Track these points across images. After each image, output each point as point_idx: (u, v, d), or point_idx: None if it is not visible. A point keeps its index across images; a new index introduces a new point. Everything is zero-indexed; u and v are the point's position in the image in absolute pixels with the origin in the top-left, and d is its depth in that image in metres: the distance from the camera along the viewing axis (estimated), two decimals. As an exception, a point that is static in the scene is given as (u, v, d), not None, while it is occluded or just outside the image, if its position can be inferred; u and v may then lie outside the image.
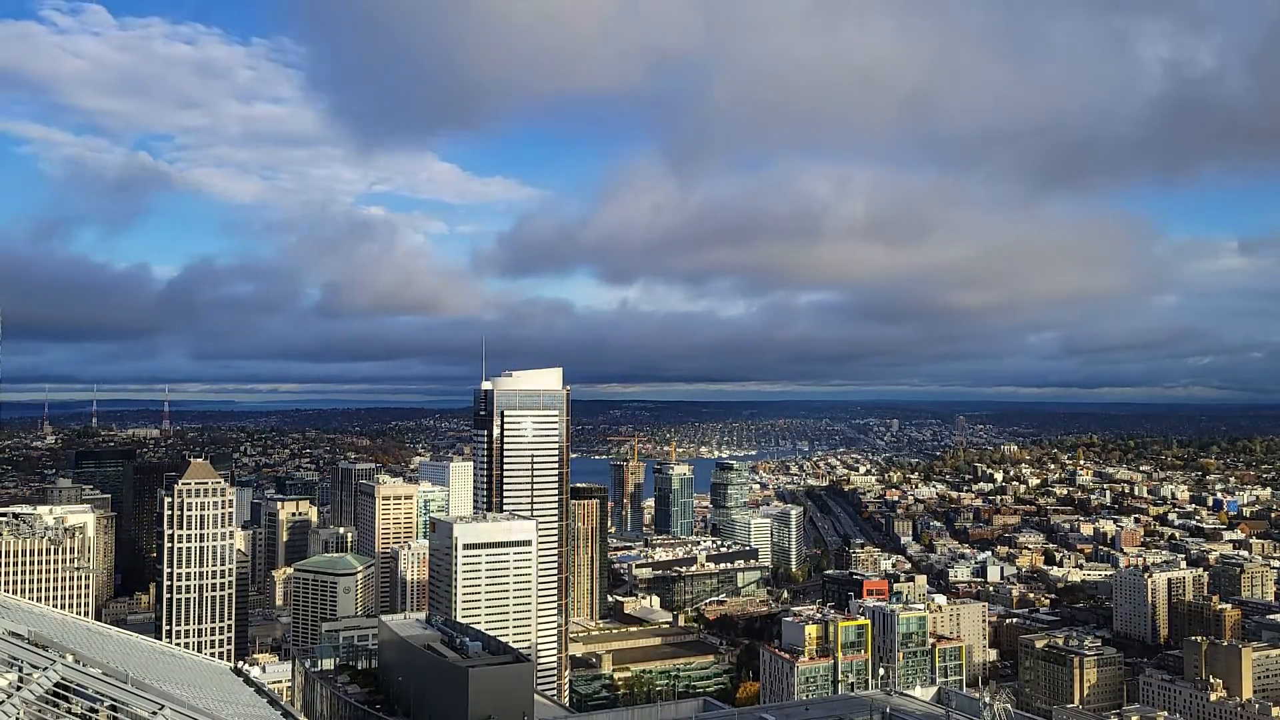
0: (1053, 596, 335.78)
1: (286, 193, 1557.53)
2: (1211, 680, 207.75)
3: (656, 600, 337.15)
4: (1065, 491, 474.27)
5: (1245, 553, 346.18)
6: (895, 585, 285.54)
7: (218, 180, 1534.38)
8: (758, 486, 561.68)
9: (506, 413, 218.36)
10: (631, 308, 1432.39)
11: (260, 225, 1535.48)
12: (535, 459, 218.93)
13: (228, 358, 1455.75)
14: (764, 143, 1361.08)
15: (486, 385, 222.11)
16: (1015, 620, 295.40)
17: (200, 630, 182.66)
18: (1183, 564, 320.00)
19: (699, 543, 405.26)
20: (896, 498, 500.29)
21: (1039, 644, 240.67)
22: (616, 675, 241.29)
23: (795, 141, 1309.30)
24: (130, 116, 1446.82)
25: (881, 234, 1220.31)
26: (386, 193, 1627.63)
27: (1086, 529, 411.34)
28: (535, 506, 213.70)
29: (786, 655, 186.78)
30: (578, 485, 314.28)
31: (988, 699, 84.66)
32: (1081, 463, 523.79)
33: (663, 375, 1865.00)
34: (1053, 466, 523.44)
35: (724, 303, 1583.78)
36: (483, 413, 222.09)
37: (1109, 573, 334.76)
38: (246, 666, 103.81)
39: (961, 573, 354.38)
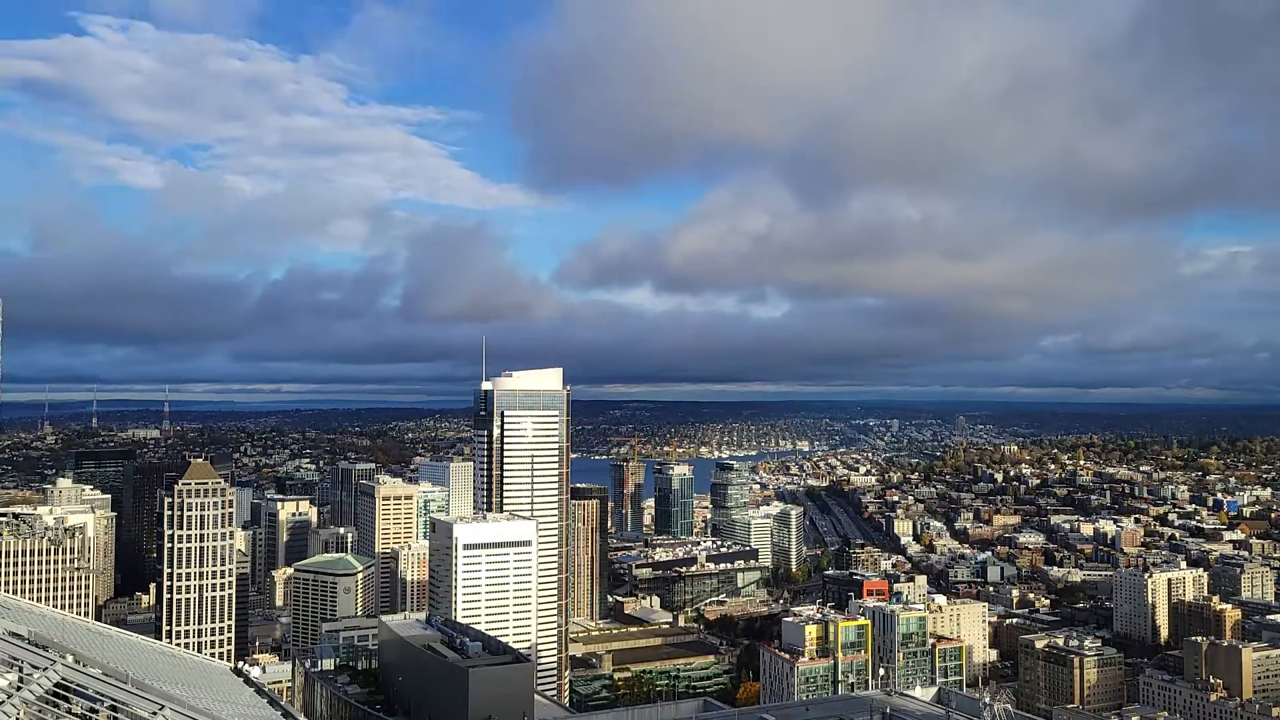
0: (1053, 597, 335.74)
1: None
2: (1211, 680, 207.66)
3: (656, 600, 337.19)
4: (1065, 491, 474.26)
5: (1245, 553, 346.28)
6: (895, 585, 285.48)
7: (246, 185, 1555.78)
8: (758, 487, 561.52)
9: (507, 413, 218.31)
10: (683, 310, 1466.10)
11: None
12: (535, 459, 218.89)
13: (320, 360, 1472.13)
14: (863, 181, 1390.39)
15: (487, 385, 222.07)
16: (1015, 620, 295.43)
17: (200, 630, 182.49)
18: (1183, 564, 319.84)
19: (699, 543, 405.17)
20: (896, 498, 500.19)
21: (1039, 644, 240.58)
22: (616, 675, 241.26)
23: (887, 180, 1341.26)
24: (168, 126, 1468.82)
25: (925, 251, 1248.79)
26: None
27: (1086, 529, 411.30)
28: (535, 507, 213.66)
29: (786, 655, 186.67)
30: (578, 485, 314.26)
31: (988, 699, 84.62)
32: (1081, 463, 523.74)
33: (663, 376, 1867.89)
34: (1053, 466, 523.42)
35: (768, 308, 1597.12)
36: (483, 413, 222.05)
37: (1109, 573, 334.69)
38: (246, 667, 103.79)
39: (961, 573, 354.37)
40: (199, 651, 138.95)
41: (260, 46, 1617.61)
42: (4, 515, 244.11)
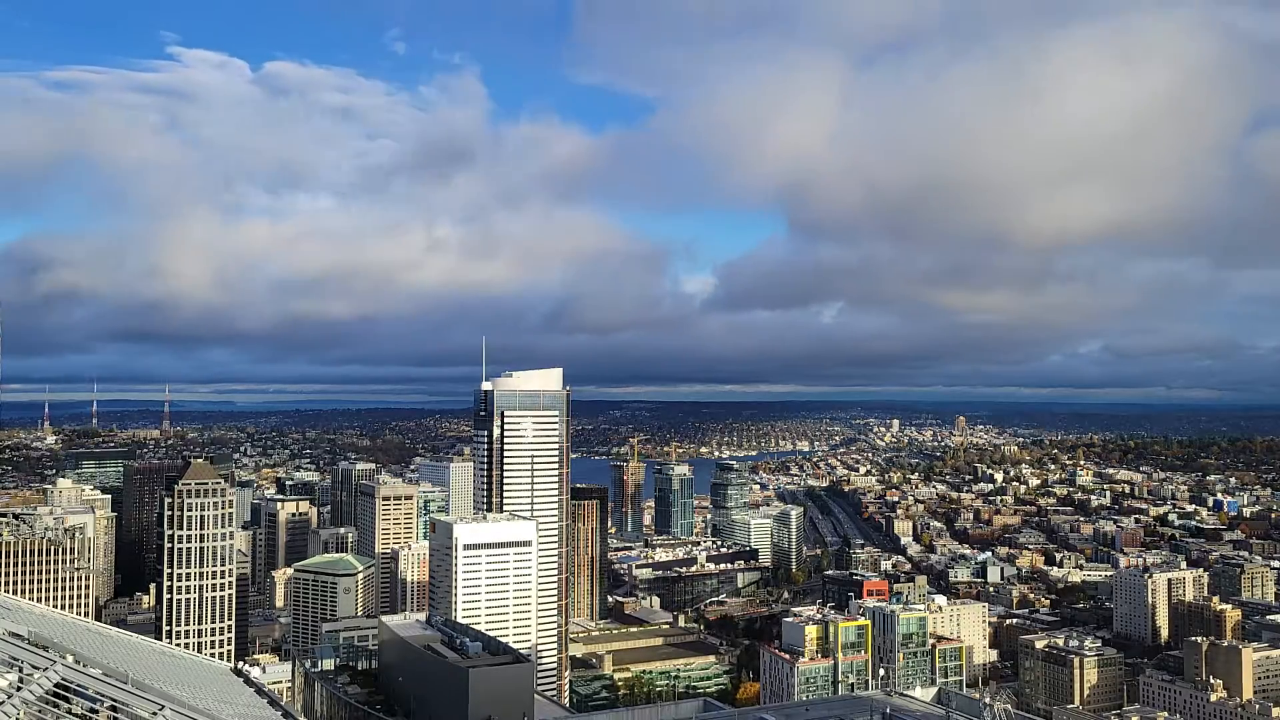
0: (1053, 597, 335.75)
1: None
2: (1211, 681, 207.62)
3: (656, 601, 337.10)
4: (1065, 492, 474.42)
5: (1245, 553, 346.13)
6: (895, 586, 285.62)
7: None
8: (758, 487, 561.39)
9: (507, 413, 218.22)
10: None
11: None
12: (535, 459, 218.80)
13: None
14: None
15: (487, 386, 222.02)
16: (1015, 621, 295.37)
17: (200, 631, 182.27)
18: (1183, 564, 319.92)
19: (699, 543, 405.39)
20: (897, 498, 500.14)
21: (1039, 644, 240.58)
22: (617, 676, 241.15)
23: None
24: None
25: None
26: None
27: (1086, 529, 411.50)
28: (535, 507, 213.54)
29: (786, 656, 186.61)
30: (578, 486, 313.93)
31: (988, 699, 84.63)
32: (1081, 463, 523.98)
33: (663, 377, 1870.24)
34: (1053, 467, 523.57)
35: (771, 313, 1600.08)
36: (483, 413, 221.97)
37: (1109, 573, 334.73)
38: (246, 667, 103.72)
39: (961, 573, 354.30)
40: (199, 652, 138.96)
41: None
42: (4, 515, 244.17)
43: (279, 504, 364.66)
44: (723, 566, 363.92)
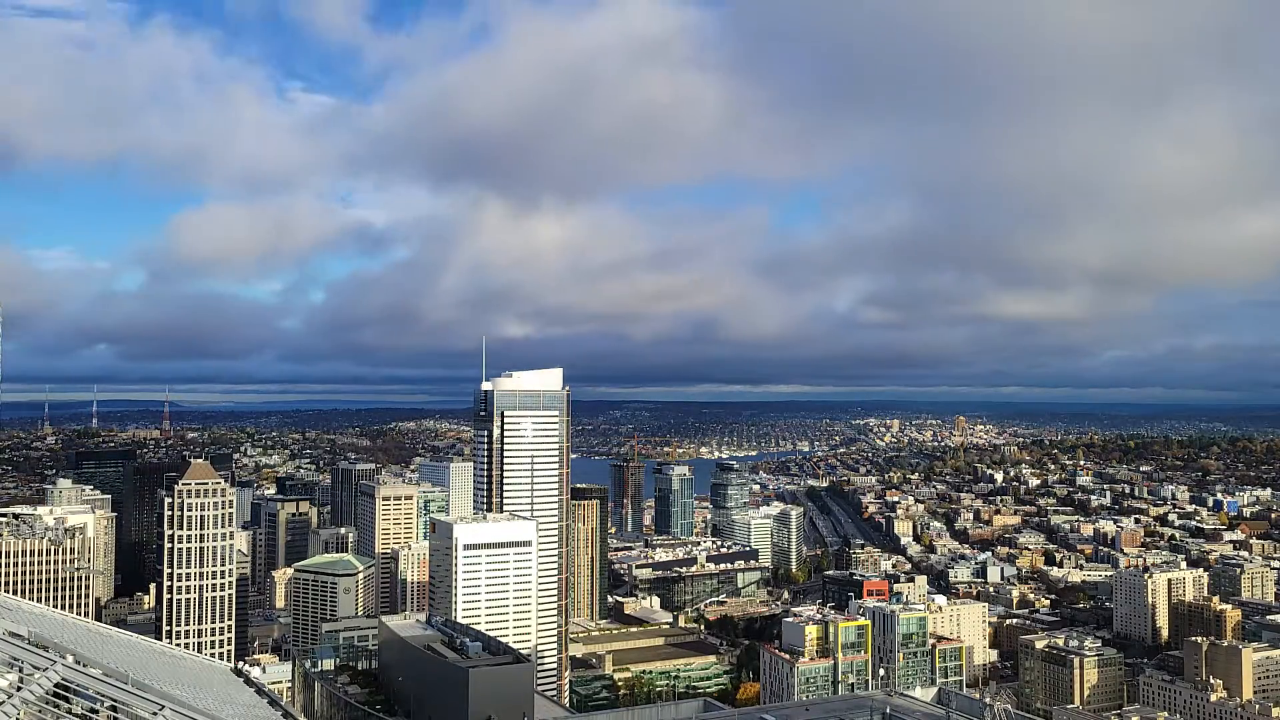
0: (1053, 597, 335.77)
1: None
2: (1211, 681, 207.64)
3: (657, 601, 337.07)
4: (1065, 492, 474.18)
5: (1245, 553, 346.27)
6: (895, 586, 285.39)
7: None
8: (758, 487, 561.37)
9: (507, 413, 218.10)
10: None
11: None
12: (535, 459, 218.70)
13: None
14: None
15: (487, 386, 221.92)
16: (1015, 621, 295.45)
17: (200, 631, 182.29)
18: (1183, 564, 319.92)
19: (699, 543, 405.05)
20: (896, 498, 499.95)
21: (1039, 645, 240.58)
22: (617, 676, 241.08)
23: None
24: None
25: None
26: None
27: (1086, 529, 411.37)
28: (535, 507, 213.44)
29: (787, 656, 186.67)
30: (578, 486, 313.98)
31: (988, 700, 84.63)
32: (1081, 463, 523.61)
33: (663, 377, 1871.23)
34: (1053, 467, 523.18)
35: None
36: (483, 413, 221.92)
37: (1109, 573, 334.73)
38: (246, 667, 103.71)
39: (962, 573, 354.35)
40: (199, 652, 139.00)
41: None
42: (4, 515, 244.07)
43: (279, 504, 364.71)
44: (723, 566, 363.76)
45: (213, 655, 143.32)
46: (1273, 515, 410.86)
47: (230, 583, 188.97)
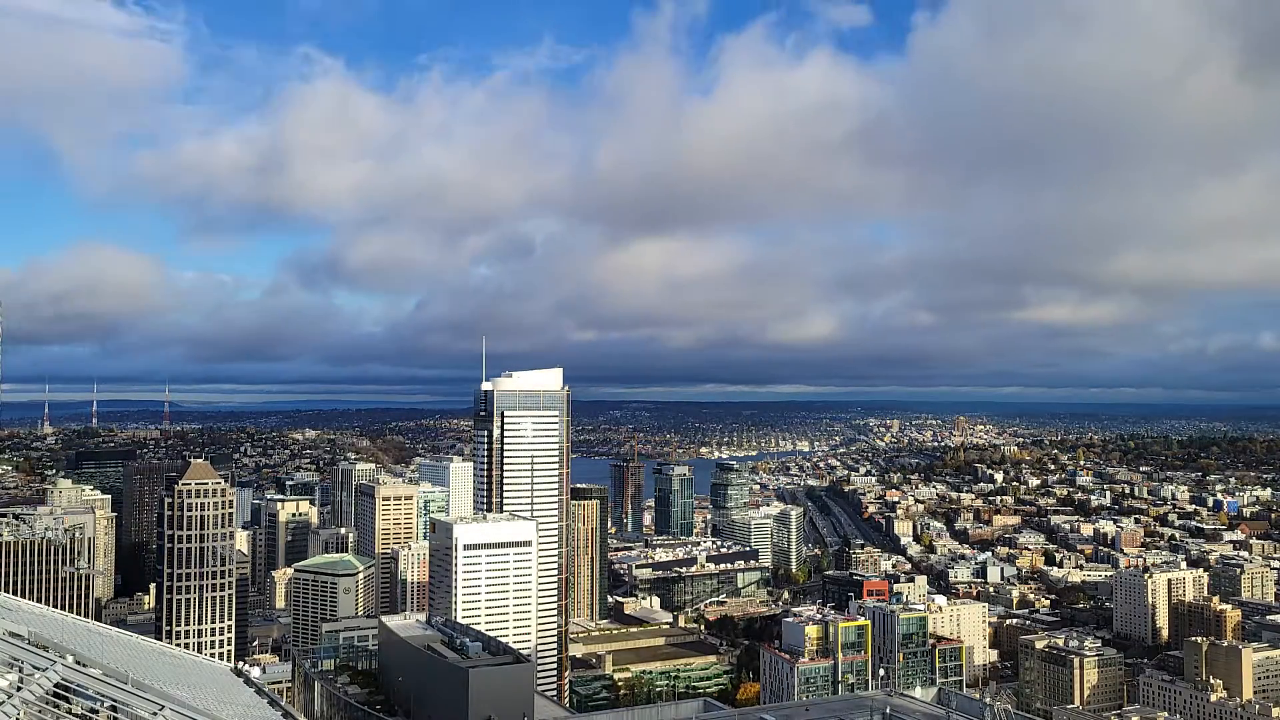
0: (1053, 597, 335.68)
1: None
2: (1211, 681, 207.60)
3: (657, 601, 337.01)
4: (1065, 492, 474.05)
5: (1245, 553, 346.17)
6: (895, 586, 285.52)
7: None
8: (758, 487, 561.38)
9: (506, 413, 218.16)
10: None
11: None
12: (535, 459, 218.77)
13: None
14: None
15: (487, 386, 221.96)
16: (1015, 621, 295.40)
17: (200, 631, 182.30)
18: (1183, 564, 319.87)
19: (699, 543, 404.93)
20: (897, 498, 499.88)
21: (1039, 645, 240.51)
22: (617, 676, 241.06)
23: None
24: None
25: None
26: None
27: (1086, 529, 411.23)
28: (535, 507, 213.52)
29: (787, 656, 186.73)
30: (578, 486, 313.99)
31: (988, 700, 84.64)
32: (1081, 463, 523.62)
33: (663, 377, 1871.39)
34: (1053, 467, 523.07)
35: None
36: (483, 413, 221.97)
37: (1109, 573, 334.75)
38: (246, 667, 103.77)
39: (962, 573, 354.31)
40: (199, 652, 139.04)
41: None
42: (4, 515, 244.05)
43: (279, 504, 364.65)
44: (723, 566, 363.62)
45: (213, 655, 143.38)
46: (1273, 515, 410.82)
47: (230, 583, 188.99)
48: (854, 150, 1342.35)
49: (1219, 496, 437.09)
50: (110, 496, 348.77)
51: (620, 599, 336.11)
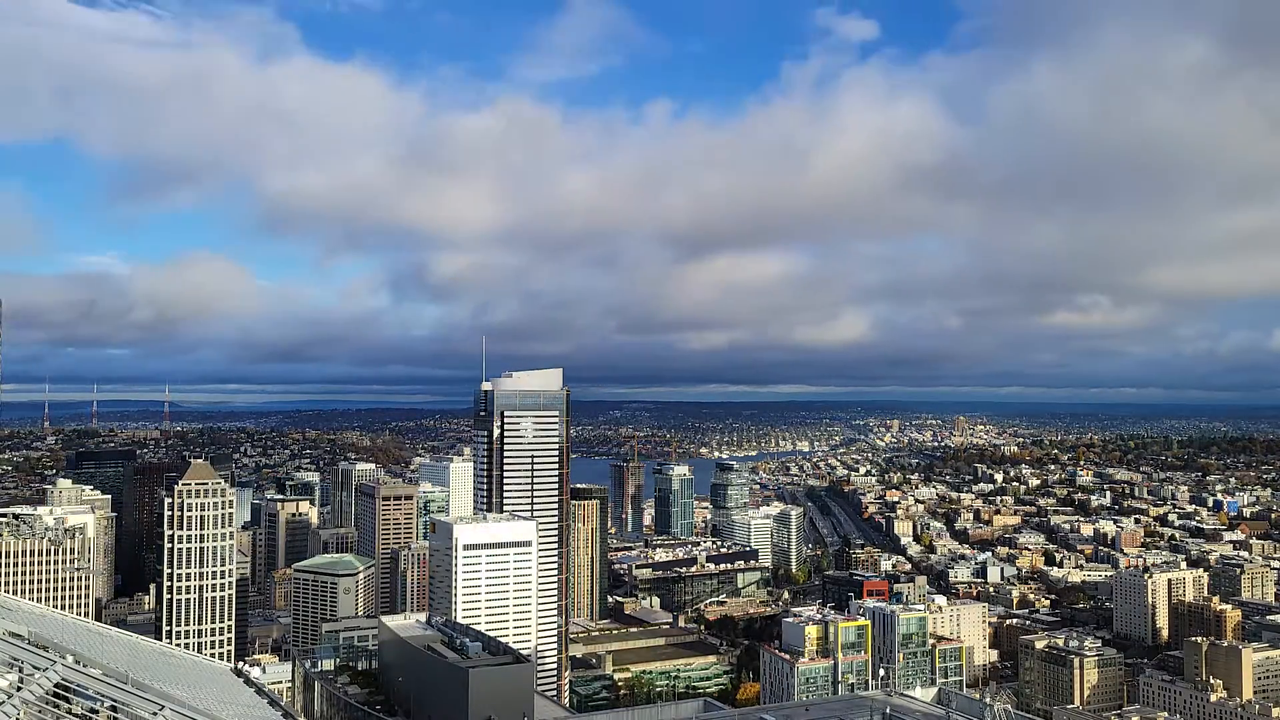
0: (1053, 597, 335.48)
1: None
2: (1212, 681, 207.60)
3: (657, 601, 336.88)
4: (1065, 492, 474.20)
5: (1245, 553, 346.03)
6: (895, 586, 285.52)
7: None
8: (758, 487, 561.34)
9: (506, 413, 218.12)
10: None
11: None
12: (535, 459, 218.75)
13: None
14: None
15: (486, 386, 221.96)
16: (1015, 621, 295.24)
17: (200, 631, 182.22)
18: (1183, 565, 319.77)
19: (699, 543, 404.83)
20: (897, 498, 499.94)
21: (1039, 645, 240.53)
22: (617, 676, 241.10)
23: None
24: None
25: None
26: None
27: (1086, 529, 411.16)
28: (535, 507, 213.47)
29: (787, 656, 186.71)
30: (578, 486, 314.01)
31: (988, 700, 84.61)
32: (1081, 463, 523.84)
33: (663, 377, 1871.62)
34: (1053, 467, 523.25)
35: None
36: (483, 413, 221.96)
37: (1109, 573, 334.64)
38: (246, 667, 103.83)
39: (962, 573, 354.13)
40: (199, 652, 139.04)
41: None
42: (4, 515, 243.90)
43: (279, 504, 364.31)
44: (723, 566, 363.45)
45: (213, 655, 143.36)
46: (1273, 515, 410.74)
47: (230, 583, 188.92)
48: (930, 183, 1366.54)
49: (1219, 496, 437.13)
50: (110, 496, 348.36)
51: (620, 599, 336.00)
